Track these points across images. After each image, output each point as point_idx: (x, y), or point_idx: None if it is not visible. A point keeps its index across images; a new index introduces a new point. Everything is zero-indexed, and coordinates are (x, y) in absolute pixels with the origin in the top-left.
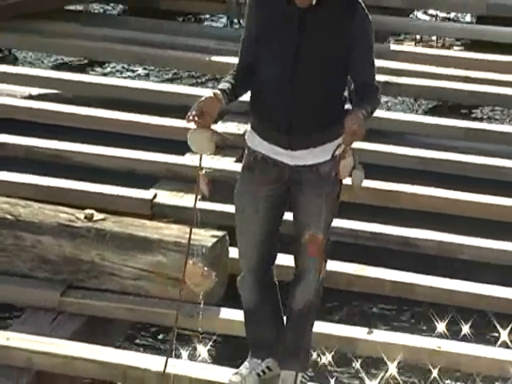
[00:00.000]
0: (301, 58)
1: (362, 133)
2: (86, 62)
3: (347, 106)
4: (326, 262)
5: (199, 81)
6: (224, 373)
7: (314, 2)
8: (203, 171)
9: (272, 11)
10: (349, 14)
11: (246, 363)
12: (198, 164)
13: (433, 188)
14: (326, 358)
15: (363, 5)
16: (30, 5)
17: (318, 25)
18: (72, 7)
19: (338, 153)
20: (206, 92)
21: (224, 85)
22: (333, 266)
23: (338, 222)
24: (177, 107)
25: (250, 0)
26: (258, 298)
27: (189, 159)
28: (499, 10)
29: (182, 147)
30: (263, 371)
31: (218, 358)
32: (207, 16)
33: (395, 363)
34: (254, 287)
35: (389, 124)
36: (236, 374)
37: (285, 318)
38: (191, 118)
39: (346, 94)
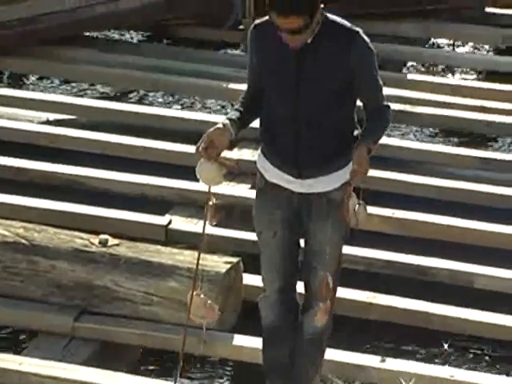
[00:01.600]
0: (301, 96)
1: (366, 172)
2: (103, 88)
3: (357, 132)
4: (334, 300)
5: (215, 108)
6: None
7: (309, 41)
8: (212, 201)
9: (270, 49)
10: (346, 46)
11: None
12: (210, 191)
13: (447, 217)
14: None
15: (362, 33)
16: (49, 31)
17: (316, 61)
18: (89, 33)
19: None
20: (220, 119)
21: (233, 113)
22: (345, 293)
23: (350, 250)
24: (192, 133)
25: (249, 35)
26: (279, 317)
27: (203, 185)
28: None
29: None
30: None
31: None
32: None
33: None
34: (276, 306)
35: (404, 153)
36: None
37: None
38: (200, 149)
39: (354, 119)
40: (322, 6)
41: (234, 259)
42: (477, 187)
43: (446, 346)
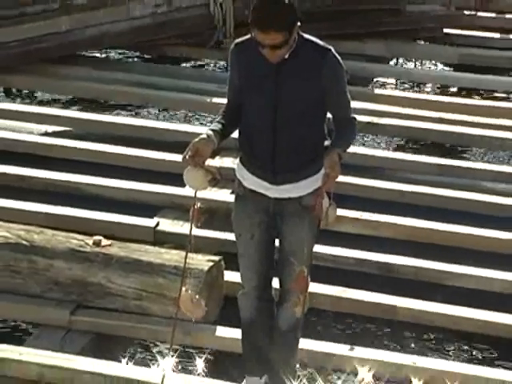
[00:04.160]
0: (280, 109)
1: (337, 175)
2: (96, 102)
3: (327, 142)
4: (307, 293)
5: (199, 120)
6: None
7: (286, 56)
8: (197, 205)
9: (250, 64)
10: (319, 62)
11: (245, 381)
12: (196, 195)
13: (409, 218)
14: (309, 373)
15: (333, 51)
16: (48, 51)
17: (293, 76)
18: (84, 53)
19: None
20: (204, 130)
21: (216, 125)
22: (315, 287)
23: (320, 248)
24: (179, 143)
25: (230, 51)
26: (256, 311)
27: (189, 191)
28: (469, 59)
29: (182, 180)
30: None
31: (213, 373)
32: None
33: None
34: (254, 302)
35: (371, 160)
36: None
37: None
38: (186, 157)
39: (325, 130)
40: (299, 24)
41: (216, 258)
42: (435, 191)
43: (409, 336)
